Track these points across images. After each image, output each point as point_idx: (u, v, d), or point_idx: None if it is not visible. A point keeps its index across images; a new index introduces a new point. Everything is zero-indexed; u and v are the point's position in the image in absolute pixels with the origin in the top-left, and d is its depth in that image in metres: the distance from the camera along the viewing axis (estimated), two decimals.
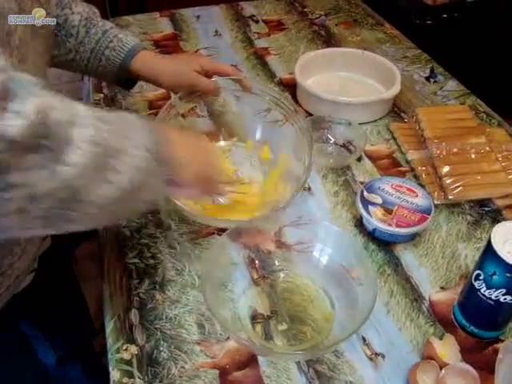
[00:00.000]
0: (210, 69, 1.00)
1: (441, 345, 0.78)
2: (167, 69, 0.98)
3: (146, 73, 0.98)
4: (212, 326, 0.81)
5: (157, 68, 0.98)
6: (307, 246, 0.88)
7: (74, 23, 0.93)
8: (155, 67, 0.98)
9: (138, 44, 0.98)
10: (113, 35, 0.96)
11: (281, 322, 0.81)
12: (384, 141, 1.19)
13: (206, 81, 0.99)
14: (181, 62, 1.01)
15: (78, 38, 0.94)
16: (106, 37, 0.95)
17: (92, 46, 0.95)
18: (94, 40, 0.95)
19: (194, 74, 0.98)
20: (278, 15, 1.71)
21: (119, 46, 0.95)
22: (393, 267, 0.91)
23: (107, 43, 0.95)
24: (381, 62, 1.35)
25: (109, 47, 0.95)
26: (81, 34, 0.94)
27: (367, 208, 0.93)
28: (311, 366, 0.76)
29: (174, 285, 0.87)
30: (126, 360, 0.77)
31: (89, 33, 0.94)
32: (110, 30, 0.96)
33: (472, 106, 1.30)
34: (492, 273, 0.72)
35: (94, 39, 0.95)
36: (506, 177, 1.04)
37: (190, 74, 0.98)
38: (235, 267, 0.87)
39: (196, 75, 0.98)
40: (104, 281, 0.88)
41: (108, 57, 0.96)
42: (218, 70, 1.02)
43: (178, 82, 0.98)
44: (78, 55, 0.95)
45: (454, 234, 0.97)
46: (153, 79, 0.99)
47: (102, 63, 0.96)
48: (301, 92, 1.29)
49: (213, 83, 1.01)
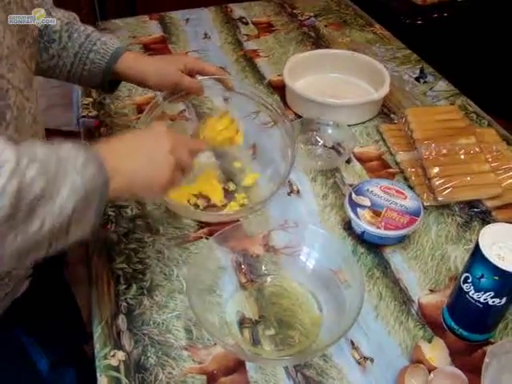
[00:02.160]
0: (193, 68, 1.00)
1: (430, 348, 0.78)
2: (152, 68, 0.97)
3: (131, 74, 0.97)
4: (200, 332, 0.80)
5: (141, 68, 0.97)
6: (295, 250, 0.87)
7: (56, 28, 0.93)
8: (140, 68, 0.97)
9: (121, 46, 0.98)
10: (96, 38, 0.95)
11: (269, 327, 0.81)
12: (373, 142, 1.19)
13: (189, 80, 0.99)
14: (165, 62, 1.00)
15: (60, 43, 0.93)
16: (89, 40, 0.95)
17: (75, 50, 0.94)
18: (77, 44, 0.94)
19: (178, 74, 0.97)
20: (268, 17, 1.71)
21: (103, 49, 0.95)
22: (382, 270, 0.90)
23: (91, 46, 0.94)
24: (370, 63, 1.35)
25: (93, 50, 0.94)
26: (63, 38, 0.93)
27: (356, 211, 0.93)
28: (299, 371, 0.76)
29: (162, 290, 0.87)
30: (113, 366, 0.76)
31: (71, 37, 0.94)
32: (92, 34, 0.96)
33: (462, 106, 1.30)
34: (480, 275, 0.71)
35: (77, 43, 0.94)
36: (495, 178, 1.04)
37: (174, 73, 0.97)
38: (223, 271, 0.86)
39: (180, 74, 0.97)
40: (92, 286, 0.88)
41: (93, 60, 0.95)
42: (201, 69, 1.01)
43: (163, 81, 0.98)
44: (60, 61, 0.95)
45: (444, 235, 0.97)
46: (138, 80, 0.98)
47: (86, 67, 0.96)
48: (289, 94, 1.28)
49: (196, 83, 1.00)
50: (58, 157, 0.58)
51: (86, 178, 0.59)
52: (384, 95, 1.24)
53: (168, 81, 0.98)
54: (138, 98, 1.30)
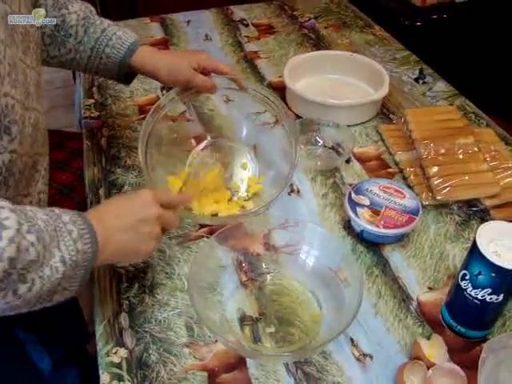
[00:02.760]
0: (207, 66, 1.01)
1: (428, 345, 0.79)
2: (165, 64, 0.99)
3: (145, 68, 1.00)
4: (201, 329, 0.81)
5: (155, 64, 0.99)
6: (295, 249, 0.88)
7: (72, 23, 0.94)
8: (153, 63, 0.99)
9: (136, 40, 0.99)
10: (111, 33, 0.97)
11: (269, 325, 0.81)
12: (372, 142, 1.20)
13: (203, 78, 1.00)
14: (179, 58, 1.01)
15: (77, 38, 0.95)
16: (104, 35, 0.96)
17: (92, 44, 0.96)
18: (93, 39, 0.96)
19: (191, 72, 0.98)
20: (268, 19, 1.72)
21: (118, 44, 0.97)
22: (381, 268, 0.91)
23: (106, 41, 0.96)
24: (369, 64, 1.36)
25: (108, 45, 0.96)
26: (79, 33, 0.95)
27: (355, 210, 0.94)
28: (299, 368, 0.77)
29: (164, 288, 0.87)
30: (115, 363, 0.77)
31: (87, 32, 0.96)
32: (108, 28, 0.97)
33: (460, 106, 1.31)
34: (477, 273, 0.72)
35: (93, 38, 0.96)
36: (493, 177, 1.05)
37: (186, 70, 0.98)
38: (224, 270, 0.87)
39: (193, 73, 0.98)
40: (94, 285, 0.88)
41: (108, 55, 0.97)
42: (215, 68, 1.02)
43: (175, 77, 0.99)
44: (78, 54, 0.97)
45: (442, 234, 0.98)
46: (152, 74, 1.01)
47: (102, 61, 0.98)
48: (290, 95, 1.29)
49: (209, 81, 1.01)
50: (55, 227, 0.63)
51: (79, 250, 0.64)
52: (383, 96, 1.25)
53: (180, 77, 0.99)
54: (140, 98, 1.31)
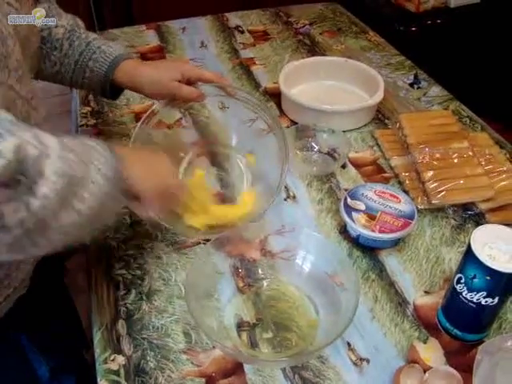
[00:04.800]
0: (191, 76, 0.99)
1: (425, 349, 0.79)
2: (146, 79, 0.97)
3: (127, 84, 0.99)
4: (198, 335, 0.81)
5: (137, 80, 0.98)
6: (291, 254, 0.88)
7: (58, 36, 0.94)
8: (135, 78, 0.98)
9: (120, 54, 0.98)
10: (96, 47, 0.96)
11: (266, 330, 0.82)
12: (368, 147, 1.20)
13: (188, 89, 0.98)
14: (161, 72, 0.98)
15: (62, 51, 0.95)
16: (88, 48, 0.96)
17: (76, 58, 0.96)
18: (77, 52, 0.96)
19: (175, 84, 0.97)
20: (263, 25, 1.73)
21: (102, 58, 0.96)
22: (377, 273, 0.92)
23: (90, 55, 0.96)
24: (364, 69, 1.37)
25: (92, 59, 0.96)
26: (65, 46, 0.95)
27: (351, 215, 0.94)
28: (297, 373, 0.77)
29: (161, 295, 0.88)
30: (113, 370, 0.77)
31: (72, 45, 0.95)
32: (93, 42, 0.97)
33: (455, 110, 1.32)
34: (472, 276, 0.73)
35: (78, 51, 0.95)
36: (488, 180, 1.05)
37: (169, 84, 0.97)
38: (220, 276, 0.87)
39: (177, 85, 0.97)
40: (92, 292, 0.89)
41: (92, 68, 0.96)
42: (200, 76, 1.00)
43: (159, 91, 0.98)
44: (62, 68, 0.96)
45: (438, 238, 0.98)
46: (135, 90, 1.00)
47: (86, 75, 0.97)
48: (285, 101, 1.30)
49: (195, 91, 0.99)
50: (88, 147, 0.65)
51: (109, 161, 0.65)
52: (378, 101, 1.25)
53: (163, 91, 0.98)
54: (136, 106, 1.32)
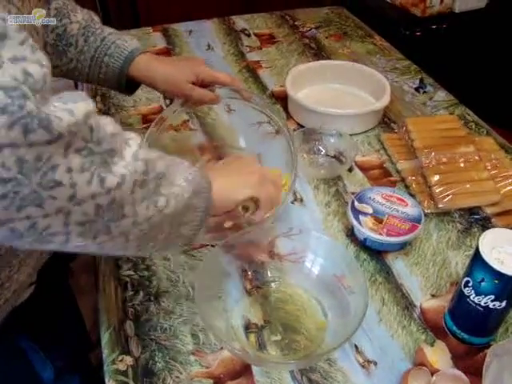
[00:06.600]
0: (205, 78, 1.00)
1: (432, 351, 0.79)
2: (161, 75, 0.98)
3: (142, 79, 0.99)
4: (206, 337, 0.82)
5: (150, 75, 0.98)
6: (299, 257, 0.89)
7: (73, 32, 0.95)
8: (149, 73, 0.98)
9: (135, 48, 0.98)
10: (111, 42, 0.96)
11: (274, 332, 0.82)
12: (374, 151, 1.21)
13: (200, 92, 0.99)
14: (176, 71, 0.99)
15: (77, 47, 0.95)
16: (104, 44, 0.96)
17: (91, 54, 0.96)
18: (93, 48, 0.96)
19: (188, 86, 0.97)
20: (270, 29, 1.74)
21: (117, 53, 0.96)
22: (384, 276, 0.92)
23: (105, 50, 0.96)
24: (371, 73, 1.37)
25: (107, 54, 0.96)
26: (80, 42, 0.95)
27: (358, 218, 0.95)
28: (305, 375, 0.77)
29: (169, 296, 0.88)
30: (121, 371, 0.77)
31: (87, 41, 0.95)
32: (108, 37, 0.97)
33: (461, 115, 1.32)
34: (480, 279, 0.73)
35: (93, 47, 0.96)
36: (494, 185, 1.06)
37: (183, 85, 0.97)
38: (228, 278, 0.87)
39: (190, 87, 0.98)
40: (99, 293, 0.89)
41: (107, 64, 0.96)
42: (215, 79, 1.00)
43: (171, 90, 0.99)
44: (79, 64, 0.97)
45: (445, 242, 0.98)
46: (149, 85, 1.00)
47: (102, 70, 0.97)
48: (292, 104, 1.31)
49: (209, 94, 1.00)
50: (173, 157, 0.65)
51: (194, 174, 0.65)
52: (385, 105, 1.26)
53: (177, 91, 0.99)
54: (143, 108, 1.32)
